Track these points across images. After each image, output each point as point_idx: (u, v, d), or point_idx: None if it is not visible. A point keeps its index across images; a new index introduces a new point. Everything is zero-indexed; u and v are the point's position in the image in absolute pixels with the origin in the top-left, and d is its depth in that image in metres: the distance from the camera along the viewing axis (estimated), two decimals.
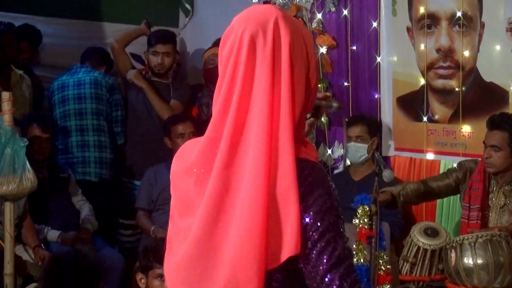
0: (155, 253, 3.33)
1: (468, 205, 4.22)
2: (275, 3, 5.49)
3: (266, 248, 1.51)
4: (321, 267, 1.54)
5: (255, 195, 1.52)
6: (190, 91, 5.46)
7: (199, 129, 4.92)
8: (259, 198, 1.52)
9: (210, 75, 5.31)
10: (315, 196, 1.56)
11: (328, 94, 1.91)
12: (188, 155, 1.67)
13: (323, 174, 1.62)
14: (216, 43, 5.50)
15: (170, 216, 1.71)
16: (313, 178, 1.58)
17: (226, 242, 1.54)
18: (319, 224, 1.55)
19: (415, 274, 4.27)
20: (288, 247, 1.52)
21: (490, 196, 4.22)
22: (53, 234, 4.77)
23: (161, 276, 3.31)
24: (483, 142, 4.21)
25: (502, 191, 4.19)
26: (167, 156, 5.17)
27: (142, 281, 3.38)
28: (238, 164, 1.56)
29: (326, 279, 1.54)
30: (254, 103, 1.58)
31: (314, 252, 1.55)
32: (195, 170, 1.62)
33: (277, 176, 1.54)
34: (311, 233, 1.55)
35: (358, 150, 4.84)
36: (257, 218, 1.51)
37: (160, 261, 3.32)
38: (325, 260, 1.54)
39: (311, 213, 1.56)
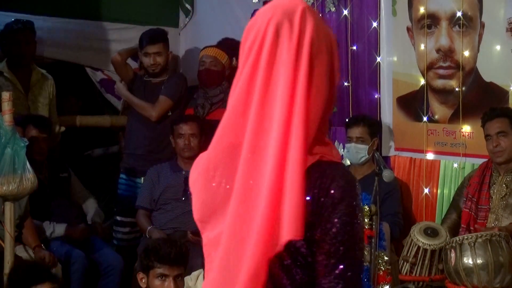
0: (155, 253, 3.34)
1: (465, 198, 4.34)
2: None
3: (269, 229, 1.53)
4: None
5: (268, 180, 1.53)
6: (181, 86, 5.38)
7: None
8: (270, 183, 1.53)
9: (200, 76, 5.28)
10: (344, 204, 1.57)
11: None
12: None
13: (354, 180, 1.63)
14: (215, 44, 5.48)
15: (200, 229, 1.70)
16: (344, 183, 1.59)
17: (249, 238, 1.56)
18: (341, 238, 1.57)
19: (415, 274, 4.28)
20: (287, 230, 1.52)
21: (492, 187, 4.26)
22: (59, 229, 4.79)
23: (161, 276, 3.33)
24: (486, 135, 4.27)
25: (504, 181, 4.23)
26: (168, 156, 5.18)
27: (143, 280, 3.40)
28: (259, 170, 1.57)
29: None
30: (275, 95, 1.57)
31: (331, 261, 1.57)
32: (215, 177, 1.63)
33: (287, 171, 1.54)
34: (334, 242, 1.57)
35: (359, 152, 4.82)
36: (265, 202, 1.53)
37: (160, 260, 3.33)
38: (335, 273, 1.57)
39: (339, 223, 1.57)
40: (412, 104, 4.96)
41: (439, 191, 4.85)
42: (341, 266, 1.56)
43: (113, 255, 4.90)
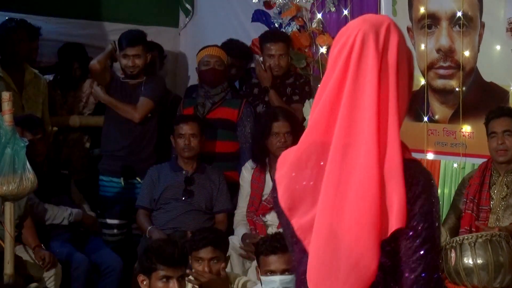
0: (158, 255, 3.23)
1: (466, 199, 4.31)
2: (275, 3, 5.49)
3: (379, 219, 1.72)
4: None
5: (368, 175, 1.73)
6: (161, 88, 5.37)
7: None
8: (372, 177, 1.73)
9: (205, 76, 5.25)
10: (424, 197, 1.78)
11: None
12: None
13: (430, 175, 1.84)
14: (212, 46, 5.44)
15: (288, 216, 1.86)
16: (423, 178, 1.81)
17: (343, 225, 1.75)
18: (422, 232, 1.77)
19: None
20: (395, 220, 1.73)
21: (492, 188, 4.25)
22: (76, 212, 4.84)
23: (165, 278, 3.21)
24: (491, 133, 4.24)
25: (504, 182, 4.22)
26: (149, 155, 5.19)
27: (144, 282, 3.27)
28: (349, 164, 1.76)
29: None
30: (363, 98, 1.77)
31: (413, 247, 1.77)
32: (306, 168, 1.83)
33: (385, 162, 1.76)
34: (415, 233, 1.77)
35: None
36: (371, 194, 1.73)
37: (164, 262, 3.20)
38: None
39: (420, 212, 1.77)
40: (412, 104, 4.95)
41: (439, 191, 4.84)
42: (422, 250, 1.77)
43: (113, 255, 4.89)
